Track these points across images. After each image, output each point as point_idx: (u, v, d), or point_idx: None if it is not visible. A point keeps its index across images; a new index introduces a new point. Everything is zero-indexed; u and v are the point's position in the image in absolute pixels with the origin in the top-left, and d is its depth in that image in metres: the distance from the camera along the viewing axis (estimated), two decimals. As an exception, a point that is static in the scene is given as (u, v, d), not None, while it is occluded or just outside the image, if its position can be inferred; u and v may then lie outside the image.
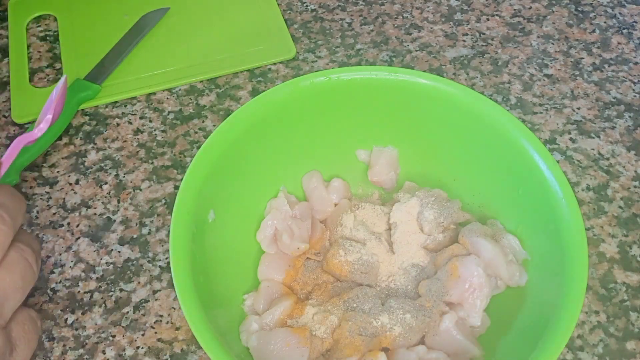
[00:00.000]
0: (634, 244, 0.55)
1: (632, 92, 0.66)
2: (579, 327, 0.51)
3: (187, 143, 0.62)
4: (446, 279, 0.47)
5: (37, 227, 0.56)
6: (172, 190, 0.59)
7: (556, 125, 0.63)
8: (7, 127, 0.63)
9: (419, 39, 0.70)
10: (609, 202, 0.58)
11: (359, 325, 0.46)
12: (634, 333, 0.51)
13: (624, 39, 0.70)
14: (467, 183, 0.53)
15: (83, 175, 0.60)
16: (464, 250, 0.48)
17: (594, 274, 0.54)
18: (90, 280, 0.53)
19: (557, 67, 0.68)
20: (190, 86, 0.66)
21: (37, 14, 0.72)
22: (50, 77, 0.67)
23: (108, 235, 0.56)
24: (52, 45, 0.70)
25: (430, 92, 0.50)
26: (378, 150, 0.55)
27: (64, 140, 0.62)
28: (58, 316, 0.52)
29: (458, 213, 0.51)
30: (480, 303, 0.46)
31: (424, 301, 0.47)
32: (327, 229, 0.53)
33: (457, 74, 0.67)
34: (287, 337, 0.45)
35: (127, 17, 0.71)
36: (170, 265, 0.42)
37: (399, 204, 0.51)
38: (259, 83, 0.66)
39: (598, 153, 0.61)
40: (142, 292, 0.53)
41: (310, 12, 0.73)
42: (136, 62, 0.68)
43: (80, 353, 0.50)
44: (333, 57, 0.68)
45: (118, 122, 0.63)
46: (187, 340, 0.50)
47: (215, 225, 0.47)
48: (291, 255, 0.51)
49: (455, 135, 0.52)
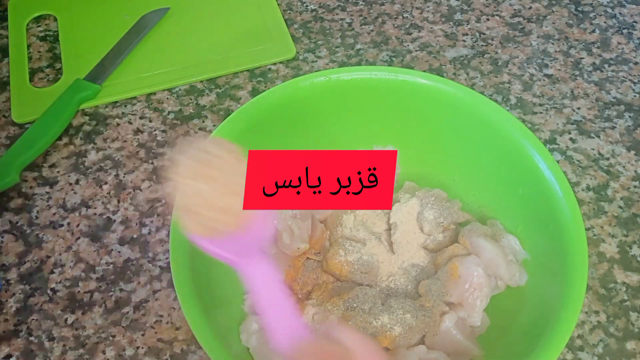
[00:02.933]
0: (634, 244, 0.55)
1: (632, 92, 0.66)
2: (579, 327, 0.51)
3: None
4: (446, 279, 0.47)
5: (37, 227, 0.56)
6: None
7: (556, 125, 0.63)
8: (7, 127, 0.63)
9: (419, 39, 0.70)
10: (609, 202, 0.58)
11: (359, 325, 0.46)
12: (634, 333, 0.51)
13: (624, 39, 0.70)
14: (467, 183, 0.53)
15: (83, 175, 0.60)
16: (464, 250, 0.48)
17: (594, 274, 0.54)
18: (90, 280, 0.53)
19: (557, 67, 0.68)
20: (190, 86, 0.66)
21: (37, 14, 0.72)
22: (50, 77, 0.67)
23: (108, 235, 0.56)
24: (52, 45, 0.70)
25: (430, 92, 0.50)
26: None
27: (64, 140, 0.62)
28: (58, 316, 0.52)
29: (458, 213, 0.51)
30: (480, 303, 0.46)
31: (424, 301, 0.47)
32: (327, 229, 0.53)
33: (457, 74, 0.67)
34: (287, 337, 0.45)
35: (127, 17, 0.71)
36: (170, 265, 0.42)
37: (399, 204, 0.51)
38: (259, 83, 0.66)
39: (598, 153, 0.61)
40: (142, 292, 0.53)
41: (310, 12, 0.73)
42: (136, 62, 0.68)
43: (80, 353, 0.50)
44: (333, 57, 0.68)
45: (118, 122, 0.63)
46: (187, 340, 0.50)
47: (215, 225, 0.47)
48: (291, 255, 0.51)
49: (455, 135, 0.52)
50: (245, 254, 0.36)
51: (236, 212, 0.35)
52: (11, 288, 0.53)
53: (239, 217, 0.35)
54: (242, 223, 0.35)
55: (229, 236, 0.35)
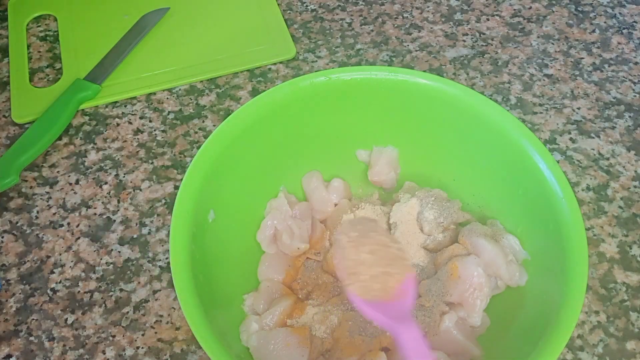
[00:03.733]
0: (634, 244, 0.55)
1: (632, 92, 0.66)
2: (579, 327, 0.51)
3: (187, 143, 0.62)
4: (446, 279, 0.47)
5: (37, 227, 0.56)
6: (172, 190, 0.59)
7: (556, 125, 0.63)
8: (7, 127, 0.63)
9: (419, 39, 0.70)
10: (609, 202, 0.58)
11: (359, 325, 0.46)
12: (634, 333, 0.51)
13: (624, 39, 0.70)
14: (467, 183, 0.53)
15: (83, 175, 0.60)
16: (464, 250, 0.48)
17: (594, 274, 0.54)
18: (90, 280, 0.53)
19: (557, 67, 0.68)
20: (190, 86, 0.66)
21: (37, 14, 0.72)
22: (50, 77, 0.67)
23: (108, 235, 0.56)
24: (52, 45, 0.70)
25: (430, 92, 0.50)
26: (378, 150, 0.55)
27: (64, 140, 0.62)
28: (58, 316, 0.52)
29: (458, 213, 0.51)
30: (480, 303, 0.46)
31: (424, 301, 0.47)
32: (327, 229, 0.53)
33: (457, 74, 0.67)
34: (287, 337, 0.45)
35: (127, 17, 0.71)
36: (170, 265, 0.42)
37: (399, 204, 0.51)
38: (259, 83, 0.66)
39: (598, 153, 0.61)
40: (142, 292, 0.53)
41: (310, 12, 0.73)
42: (136, 62, 0.68)
43: (80, 353, 0.50)
44: (333, 57, 0.68)
45: (118, 122, 0.63)
46: (187, 340, 0.50)
47: (215, 225, 0.47)
48: (291, 255, 0.51)
49: (455, 135, 0.52)
50: (398, 318, 0.40)
51: (391, 283, 0.42)
52: (11, 288, 0.53)
53: (393, 287, 0.42)
54: (396, 292, 0.42)
55: (385, 302, 0.41)
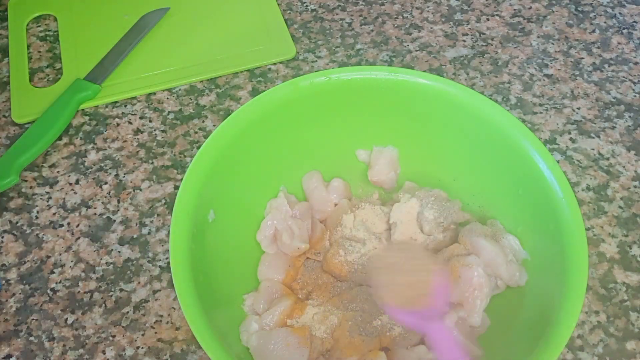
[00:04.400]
0: (634, 244, 0.55)
1: (632, 92, 0.66)
2: (579, 327, 0.51)
3: (187, 143, 0.62)
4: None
5: (37, 227, 0.56)
6: (172, 190, 0.59)
7: (556, 125, 0.63)
8: (7, 127, 0.63)
9: (419, 39, 0.70)
10: (609, 202, 0.58)
11: (359, 325, 0.46)
12: (634, 333, 0.51)
13: (624, 39, 0.70)
14: (467, 183, 0.53)
15: (83, 175, 0.60)
16: (464, 250, 0.48)
17: (594, 274, 0.54)
18: (90, 280, 0.53)
19: (557, 67, 0.68)
20: (190, 86, 0.66)
21: (37, 14, 0.72)
22: (50, 77, 0.67)
23: (108, 235, 0.56)
24: (52, 45, 0.70)
25: (430, 92, 0.50)
26: (378, 150, 0.55)
27: (64, 140, 0.62)
28: (58, 316, 0.52)
29: (458, 213, 0.51)
30: (480, 303, 0.46)
31: (424, 301, 0.47)
32: (327, 229, 0.53)
33: (457, 74, 0.67)
34: (287, 337, 0.45)
35: (127, 17, 0.71)
36: (170, 265, 0.42)
37: (399, 204, 0.51)
38: (259, 83, 0.66)
39: (598, 153, 0.61)
40: (142, 292, 0.53)
41: (310, 12, 0.73)
42: (136, 62, 0.68)
43: (80, 353, 0.50)
44: (333, 57, 0.68)
45: (118, 122, 0.63)
46: (187, 340, 0.50)
47: (215, 225, 0.47)
48: (291, 255, 0.51)
49: (455, 135, 0.52)
50: (429, 318, 0.43)
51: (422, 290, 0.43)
52: (11, 288, 0.53)
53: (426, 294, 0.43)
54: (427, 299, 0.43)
55: (416, 308, 0.43)
